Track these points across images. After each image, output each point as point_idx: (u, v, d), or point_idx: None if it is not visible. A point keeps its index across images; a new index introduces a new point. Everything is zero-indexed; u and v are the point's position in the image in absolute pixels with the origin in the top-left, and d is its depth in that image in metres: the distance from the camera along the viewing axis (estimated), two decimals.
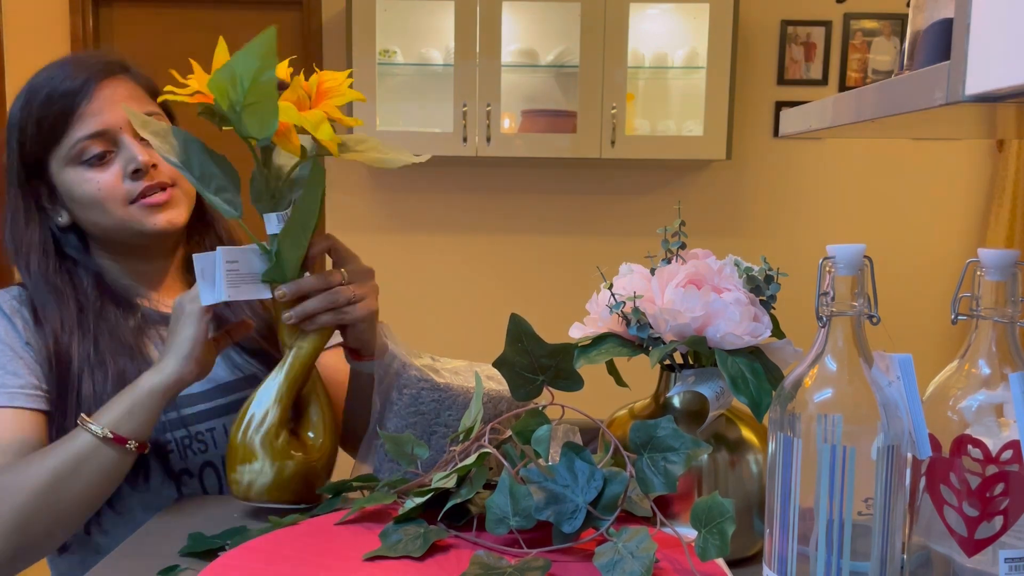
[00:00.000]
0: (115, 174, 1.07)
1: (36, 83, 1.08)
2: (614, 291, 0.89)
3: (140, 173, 1.07)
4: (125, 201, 1.08)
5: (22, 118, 1.08)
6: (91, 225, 1.11)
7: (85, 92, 1.06)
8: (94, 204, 1.07)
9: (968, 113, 0.66)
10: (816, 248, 0.91)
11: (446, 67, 3.20)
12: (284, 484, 0.95)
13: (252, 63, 0.85)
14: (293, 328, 0.98)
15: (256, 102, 0.87)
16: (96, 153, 1.06)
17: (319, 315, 0.97)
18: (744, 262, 0.90)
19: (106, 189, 1.07)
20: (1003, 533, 0.67)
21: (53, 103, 1.06)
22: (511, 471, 0.78)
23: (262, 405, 0.96)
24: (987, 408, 0.69)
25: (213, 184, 0.95)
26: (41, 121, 1.06)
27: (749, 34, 3.36)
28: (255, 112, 0.87)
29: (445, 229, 3.42)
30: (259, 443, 0.94)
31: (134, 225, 1.09)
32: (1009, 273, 0.68)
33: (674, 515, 0.83)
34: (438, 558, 0.76)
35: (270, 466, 0.94)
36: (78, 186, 1.07)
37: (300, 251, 0.95)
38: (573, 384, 0.85)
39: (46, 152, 1.07)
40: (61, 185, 1.09)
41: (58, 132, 1.06)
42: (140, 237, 1.10)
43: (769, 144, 3.44)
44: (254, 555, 0.76)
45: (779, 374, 0.84)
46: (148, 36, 3.40)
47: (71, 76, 1.06)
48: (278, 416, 0.95)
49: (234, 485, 0.96)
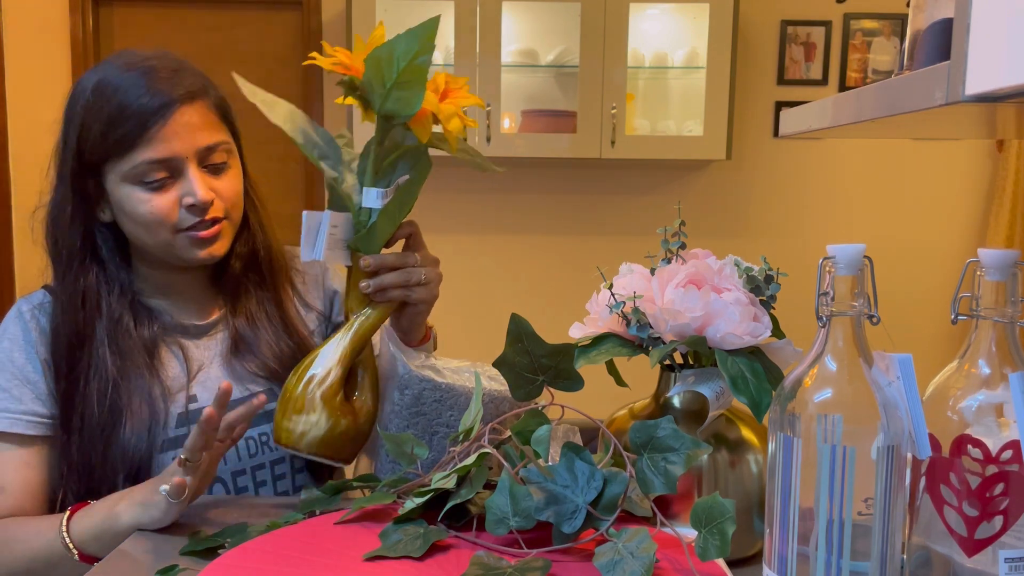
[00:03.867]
0: (171, 201, 1.04)
1: (107, 85, 1.03)
2: (614, 291, 0.89)
3: (196, 208, 1.05)
4: (174, 229, 1.06)
5: (86, 117, 1.03)
6: (131, 234, 1.09)
7: (161, 115, 1.02)
8: (142, 223, 1.05)
9: (968, 113, 0.66)
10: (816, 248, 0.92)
11: (446, 67, 3.20)
12: (334, 440, 0.99)
13: (412, 45, 0.92)
14: (363, 297, 1.03)
15: (407, 82, 0.93)
16: (157, 178, 1.03)
17: (392, 289, 1.02)
18: (744, 262, 0.90)
19: (159, 214, 1.04)
20: (1003, 533, 0.67)
21: (125, 118, 1.01)
22: (511, 471, 0.78)
23: (325, 364, 1.00)
24: (987, 408, 0.69)
25: (316, 151, 1.02)
26: (108, 132, 1.02)
27: (749, 34, 3.36)
28: (404, 91, 0.93)
29: (445, 229, 3.42)
30: (319, 398, 0.99)
31: (176, 251, 1.07)
32: (1009, 273, 0.68)
33: (674, 515, 0.83)
34: (438, 558, 0.76)
35: (325, 420, 0.99)
36: (130, 204, 1.05)
37: (392, 228, 1.02)
38: (573, 384, 0.85)
39: (105, 161, 1.04)
40: (112, 193, 1.06)
41: (124, 148, 1.02)
42: (177, 260, 1.09)
43: (769, 144, 3.44)
44: (254, 555, 0.76)
45: (779, 374, 0.84)
46: (148, 36, 3.40)
47: (148, 93, 1.02)
48: (339, 376, 1.00)
49: (284, 432, 0.99)
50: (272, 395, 1.13)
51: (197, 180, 1.04)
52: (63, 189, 1.07)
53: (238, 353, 1.15)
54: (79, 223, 1.08)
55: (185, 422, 1.09)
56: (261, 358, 1.15)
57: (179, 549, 0.88)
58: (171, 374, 1.11)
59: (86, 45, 3.32)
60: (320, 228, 1.00)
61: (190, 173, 1.04)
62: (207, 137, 1.05)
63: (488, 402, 1.02)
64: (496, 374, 1.05)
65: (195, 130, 1.04)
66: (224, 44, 3.38)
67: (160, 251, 1.08)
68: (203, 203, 1.04)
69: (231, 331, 1.16)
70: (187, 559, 0.86)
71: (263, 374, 1.15)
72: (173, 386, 1.10)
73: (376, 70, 0.93)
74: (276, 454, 1.14)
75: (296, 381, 1.00)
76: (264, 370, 1.15)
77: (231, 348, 1.15)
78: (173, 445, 1.07)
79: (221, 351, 1.15)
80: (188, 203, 1.05)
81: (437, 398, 1.05)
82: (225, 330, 1.17)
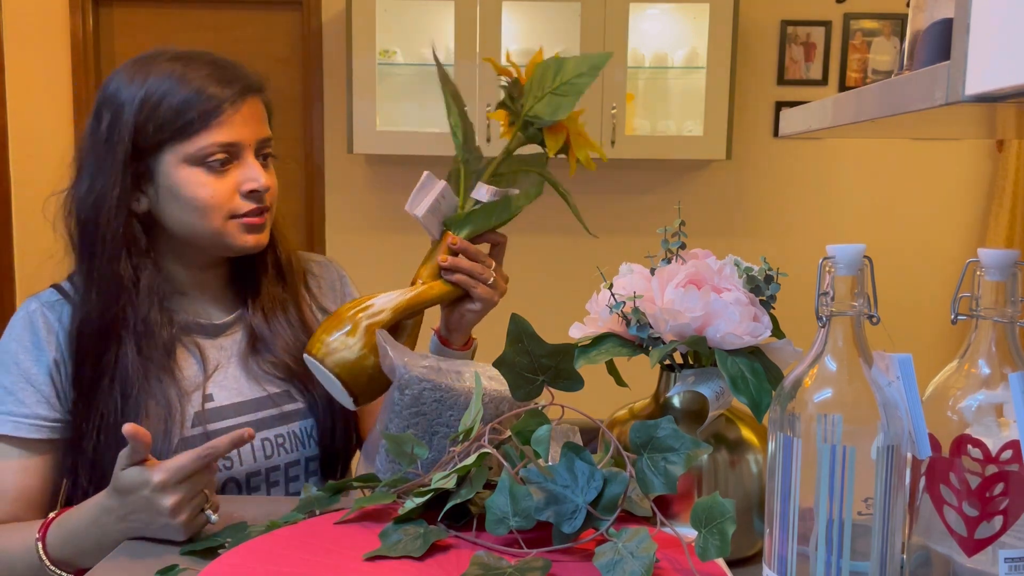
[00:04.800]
0: (230, 186, 1.07)
1: (172, 71, 1.05)
2: (614, 291, 0.89)
3: (255, 195, 1.08)
4: (227, 215, 1.07)
5: (149, 98, 1.04)
6: (176, 223, 1.08)
7: (232, 102, 1.06)
8: (197, 207, 1.06)
9: (968, 113, 0.66)
10: (816, 248, 0.91)
11: (446, 67, 3.20)
12: (357, 370, 1.02)
13: (581, 66, 1.04)
14: (435, 270, 1.10)
15: (564, 93, 1.04)
16: (220, 160, 1.06)
17: (462, 275, 1.09)
18: (744, 262, 0.90)
19: (218, 198, 1.06)
20: (1003, 533, 0.67)
21: (202, 100, 1.04)
22: (511, 471, 0.78)
23: (381, 303, 1.06)
24: (987, 408, 0.69)
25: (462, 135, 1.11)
26: (181, 112, 1.04)
27: (749, 34, 3.36)
28: (557, 98, 1.04)
29: None
30: (364, 325, 1.03)
31: (225, 238, 1.08)
32: (1009, 273, 0.68)
33: (674, 515, 0.83)
34: (438, 558, 0.76)
35: (360, 347, 1.02)
36: (189, 187, 1.05)
37: (485, 226, 1.11)
38: (573, 384, 0.85)
39: (168, 143, 1.05)
40: (165, 177, 1.06)
41: (193, 129, 1.04)
42: (222, 249, 1.10)
43: (769, 144, 3.44)
44: (254, 555, 0.76)
45: (779, 374, 0.84)
46: (148, 36, 3.40)
47: (222, 81, 1.06)
48: (387, 319, 1.05)
49: (318, 344, 1.02)
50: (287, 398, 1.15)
51: (257, 166, 1.09)
52: (110, 174, 1.05)
53: (255, 352, 1.15)
54: (124, 209, 1.06)
55: (201, 421, 1.08)
56: (278, 356, 1.15)
57: (179, 549, 0.88)
58: (187, 374, 1.11)
59: (86, 45, 3.32)
60: (432, 191, 1.09)
61: (249, 160, 1.08)
62: (265, 129, 1.11)
63: (488, 402, 1.02)
64: (496, 374, 1.05)
65: (258, 120, 1.10)
66: (224, 44, 3.38)
67: (207, 239, 1.08)
68: (263, 187, 1.08)
69: (248, 329, 1.16)
70: (187, 559, 0.86)
71: (280, 374, 1.15)
72: (189, 386, 1.10)
73: (542, 75, 1.05)
74: (291, 457, 1.14)
75: (351, 305, 1.06)
76: (281, 369, 1.15)
77: (248, 347, 1.16)
78: (187, 445, 1.06)
79: (238, 350, 1.16)
80: (248, 188, 1.08)
81: (437, 398, 1.05)
82: (242, 329, 1.17)
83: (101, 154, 1.06)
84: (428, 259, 1.11)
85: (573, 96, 1.04)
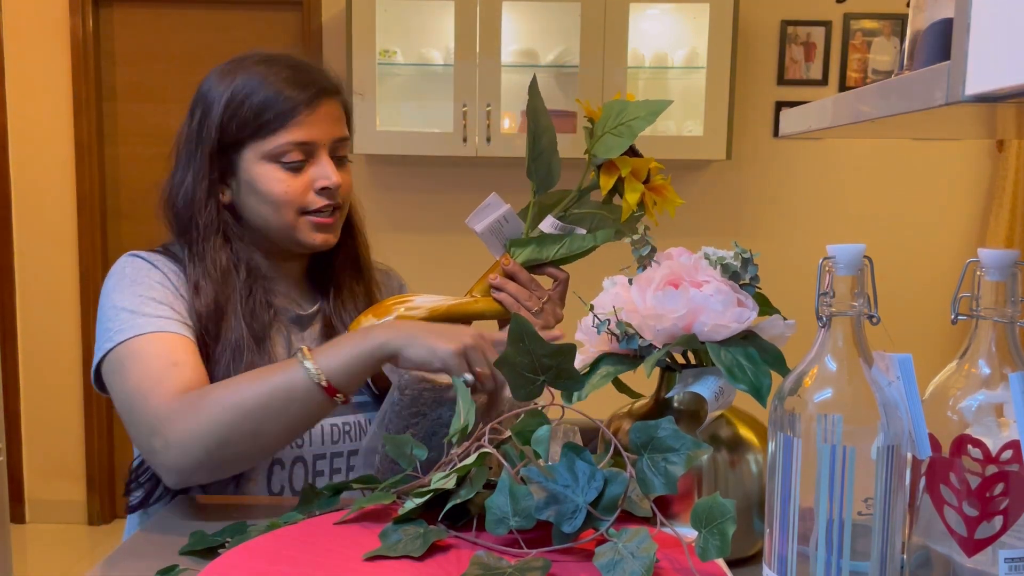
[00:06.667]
0: (304, 183, 1.12)
1: (256, 73, 1.12)
2: (599, 309, 0.89)
3: (328, 192, 1.13)
4: (300, 211, 1.13)
5: (234, 98, 1.11)
6: (254, 215, 1.15)
7: (310, 103, 1.11)
8: (271, 201, 1.12)
9: (968, 113, 0.66)
10: (816, 248, 0.91)
11: (446, 67, 3.20)
12: None
13: (639, 111, 1.08)
14: (485, 287, 1.16)
15: (618, 133, 1.08)
16: (296, 159, 1.11)
17: (507, 296, 1.14)
18: (717, 251, 0.89)
19: (292, 194, 1.12)
20: (1003, 533, 0.67)
21: (280, 101, 1.10)
22: (511, 471, 0.78)
23: (421, 301, 1.12)
24: (987, 408, 0.69)
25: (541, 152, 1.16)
26: (260, 112, 1.10)
27: (749, 34, 3.36)
28: (612, 137, 1.09)
29: (445, 229, 3.42)
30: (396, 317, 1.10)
31: (296, 234, 1.14)
32: (1009, 273, 0.68)
33: (674, 515, 0.83)
34: (438, 558, 0.76)
35: None
36: (266, 182, 1.12)
37: (547, 254, 1.15)
38: (573, 384, 0.85)
39: (249, 139, 1.11)
40: (245, 172, 1.13)
41: (271, 128, 1.10)
42: (292, 244, 1.16)
43: (769, 144, 3.44)
44: (254, 555, 0.76)
45: (776, 352, 0.84)
46: (148, 36, 3.40)
47: (300, 84, 1.12)
48: (420, 316, 1.11)
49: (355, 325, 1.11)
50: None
51: (330, 165, 1.14)
52: (200, 165, 1.13)
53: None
54: (213, 200, 1.14)
55: None
56: None
57: (179, 549, 0.88)
58: (278, 352, 1.15)
59: (86, 45, 3.32)
60: (494, 212, 1.15)
61: (323, 159, 1.13)
62: (340, 130, 1.16)
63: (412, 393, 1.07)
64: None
65: (333, 121, 1.15)
66: (224, 44, 3.38)
67: (279, 232, 1.14)
68: (335, 185, 1.13)
69: (327, 323, 1.22)
70: (187, 559, 0.86)
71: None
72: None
73: (605, 115, 1.10)
74: (353, 445, 1.18)
75: (397, 298, 1.13)
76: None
77: (326, 338, 1.20)
78: None
79: (315, 339, 1.20)
80: (321, 186, 1.13)
81: (436, 399, 1.05)
82: (321, 322, 1.22)
83: (192, 148, 1.14)
84: (483, 278, 1.17)
85: (626, 137, 1.08)
